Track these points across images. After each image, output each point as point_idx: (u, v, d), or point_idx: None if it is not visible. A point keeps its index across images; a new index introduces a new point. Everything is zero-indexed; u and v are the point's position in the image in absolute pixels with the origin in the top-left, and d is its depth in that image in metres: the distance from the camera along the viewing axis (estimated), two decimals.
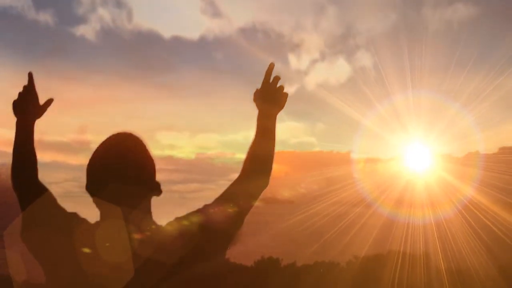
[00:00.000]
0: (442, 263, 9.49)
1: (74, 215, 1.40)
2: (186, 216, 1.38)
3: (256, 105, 1.58)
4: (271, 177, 1.54)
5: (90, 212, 1.37)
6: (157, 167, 1.44)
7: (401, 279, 8.26)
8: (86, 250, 1.27)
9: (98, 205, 1.37)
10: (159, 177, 1.43)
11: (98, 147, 1.40)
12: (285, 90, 1.58)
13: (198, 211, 1.40)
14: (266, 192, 1.54)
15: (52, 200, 1.45)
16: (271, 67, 1.57)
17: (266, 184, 1.53)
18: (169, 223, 1.37)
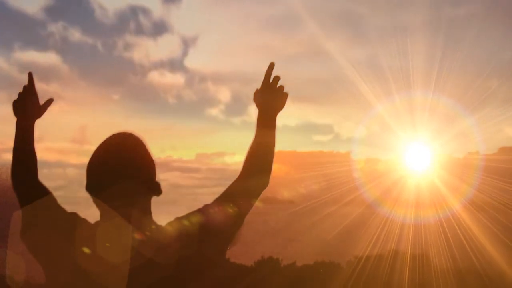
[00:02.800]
0: (443, 263, 9.50)
1: (74, 215, 1.40)
2: (186, 216, 1.38)
3: (256, 105, 1.59)
4: (271, 177, 1.54)
5: (90, 212, 1.38)
6: (156, 167, 1.44)
7: (401, 279, 8.27)
8: (86, 250, 1.27)
9: (98, 205, 1.37)
10: (158, 177, 1.43)
11: (98, 147, 1.41)
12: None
13: (198, 211, 1.40)
14: (266, 192, 1.54)
15: (52, 200, 1.45)
16: (271, 66, 1.57)
17: (266, 184, 1.53)
18: (169, 223, 1.37)
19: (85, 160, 1.41)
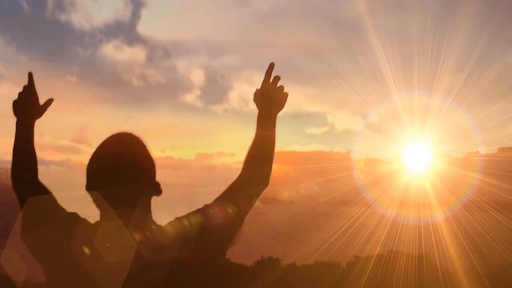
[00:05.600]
0: (442, 263, 9.51)
1: (74, 215, 1.40)
2: (186, 216, 1.38)
3: (256, 105, 1.59)
4: (271, 177, 1.54)
5: (90, 212, 1.38)
6: (156, 167, 1.44)
7: (401, 279, 8.27)
8: (86, 250, 1.27)
9: (98, 205, 1.37)
10: (159, 176, 1.43)
11: (98, 147, 1.41)
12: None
13: (198, 211, 1.40)
14: (266, 192, 1.54)
15: (52, 200, 1.45)
16: (271, 67, 1.58)
17: (266, 184, 1.53)
18: (169, 223, 1.37)
19: (52, 155, 1.40)
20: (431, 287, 8.17)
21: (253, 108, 1.58)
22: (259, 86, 1.59)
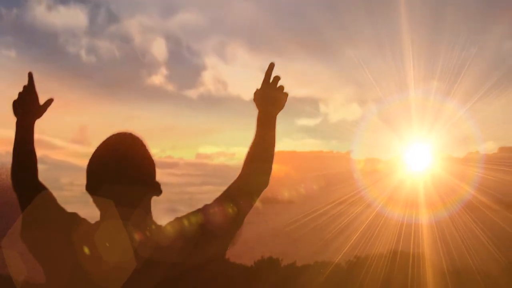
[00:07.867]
0: (441, 263, 9.52)
1: (74, 215, 1.40)
2: (186, 216, 1.38)
3: (256, 105, 1.59)
4: (271, 177, 1.54)
5: (90, 212, 1.38)
6: (156, 167, 1.44)
7: (401, 279, 8.27)
8: (86, 250, 1.27)
9: (98, 205, 1.37)
10: (158, 177, 1.43)
11: (98, 147, 1.41)
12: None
13: (198, 211, 1.40)
14: (266, 192, 1.54)
15: (52, 200, 1.45)
16: (271, 67, 1.58)
17: (266, 184, 1.53)
18: (169, 223, 1.37)
19: None
20: (432, 286, 8.18)
21: (233, 92, 1.57)
22: (234, 65, 1.60)
